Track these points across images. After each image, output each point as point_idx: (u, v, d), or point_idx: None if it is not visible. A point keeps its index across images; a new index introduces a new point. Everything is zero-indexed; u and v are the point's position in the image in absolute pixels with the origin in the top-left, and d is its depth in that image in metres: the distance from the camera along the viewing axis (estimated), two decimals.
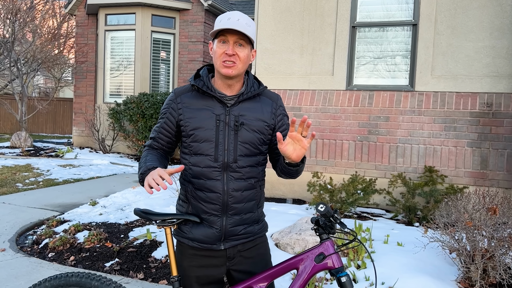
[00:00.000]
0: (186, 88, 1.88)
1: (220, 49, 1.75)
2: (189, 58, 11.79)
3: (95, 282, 1.86)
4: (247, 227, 1.87)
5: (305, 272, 1.72)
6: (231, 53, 1.73)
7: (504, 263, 3.14)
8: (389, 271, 3.42)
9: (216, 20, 1.78)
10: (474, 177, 5.34)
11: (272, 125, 1.88)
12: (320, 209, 1.67)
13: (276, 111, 1.91)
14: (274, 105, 1.91)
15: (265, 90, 1.93)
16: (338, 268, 1.72)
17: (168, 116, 1.87)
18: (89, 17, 12.52)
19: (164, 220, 1.82)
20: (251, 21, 1.77)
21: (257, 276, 1.76)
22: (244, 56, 1.76)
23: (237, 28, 1.69)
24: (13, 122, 18.48)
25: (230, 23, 1.71)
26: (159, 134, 1.90)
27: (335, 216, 1.68)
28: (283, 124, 1.92)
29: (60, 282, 1.87)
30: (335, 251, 1.73)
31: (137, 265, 3.93)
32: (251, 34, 1.75)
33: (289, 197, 6.26)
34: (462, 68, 5.50)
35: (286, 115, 1.95)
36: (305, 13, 6.25)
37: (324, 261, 1.72)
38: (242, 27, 1.71)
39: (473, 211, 3.25)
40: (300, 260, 1.75)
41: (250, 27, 1.75)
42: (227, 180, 1.80)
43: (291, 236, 4.00)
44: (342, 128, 5.97)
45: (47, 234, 4.67)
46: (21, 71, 12.13)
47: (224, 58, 1.74)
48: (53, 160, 9.95)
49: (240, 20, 1.72)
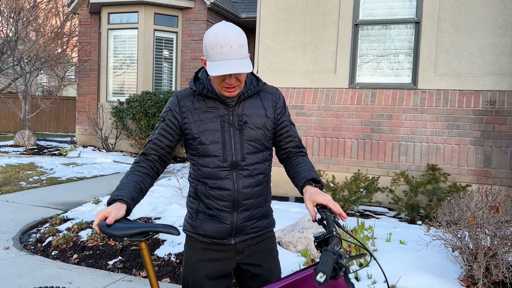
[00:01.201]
0: (188, 92, 1.88)
1: (219, 79, 1.71)
2: (192, 56, 11.80)
3: None
4: (256, 222, 1.91)
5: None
6: (233, 83, 1.71)
7: (506, 261, 3.13)
8: (391, 269, 3.42)
9: (207, 44, 1.67)
10: (477, 175, 5.33)
11: (274, 118, 1.91)
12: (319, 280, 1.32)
13: (276, 104, 1.93)
14: (274, 98, 1.93)
15: (264, 86, 1.94)
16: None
17: (170, 118, 1.85)
18: (92, 16, 12.54)
19: (133, 236, 1.55)
20: (242, 37, 1.67)
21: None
22: (244, 77, 1.75)
23: (235, 72, 1.61)
24: (17, 121, 18.55)
25: (225, 55, 1.63)
26: (160, 137, 1.86)
27: (340, 263, 1.43)
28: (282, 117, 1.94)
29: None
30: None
31: (140, 263, 3.94)
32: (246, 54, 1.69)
33: (291, 196, 6.26)
34: (465, 66, 5.48)
35: (286, 108, 1.98)
36: (308, 11, 6.24)
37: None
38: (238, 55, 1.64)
39: (476, 209, 3.24)
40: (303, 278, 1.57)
41: (243, 47, 1.66)
42: (236, 178, 1.84)
43: (293, 234, 4.00)
44: (344, 127, 5.96)
45: (51, 232, 4.70)
46: (24, 70, 12.17)
47: (224, 85, 1.73)
48: (56, 159, 9.98)
49: (233, 46, 1.64)
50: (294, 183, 1.88)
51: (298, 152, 1.99)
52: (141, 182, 1.80)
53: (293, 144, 1.98)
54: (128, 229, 1.52)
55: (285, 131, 1.95)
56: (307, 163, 1.90)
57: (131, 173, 1.82)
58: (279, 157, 2.03)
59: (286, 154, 2.00)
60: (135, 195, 1.72)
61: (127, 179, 1.77)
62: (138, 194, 1.75)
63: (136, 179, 1.79)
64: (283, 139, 1.97)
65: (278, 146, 2.00)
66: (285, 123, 1.95)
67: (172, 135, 1.87)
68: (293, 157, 1.98)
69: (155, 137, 1.86)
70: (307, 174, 1.80)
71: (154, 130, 1.89)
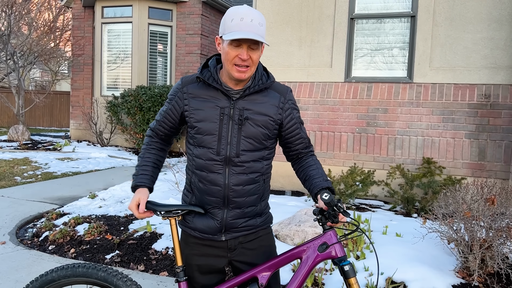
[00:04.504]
0: (194, 78, 1.86)
1: (233, 52, 1.69)
2: (187, 50, 11.75)
3: (102, 273, 1.85)
4: (248, 220, 1.86)
5: (308, 261, 1.74)
6: (245, 57, 1.68)
7: (502, 253, 3.17)
8: (388, 261, 3.45)
9: (227, 17, 1.70)
10: (472, 168, 5.37)
11: (278, 120, 1.84)
12: (324, 198, 1.68)
13: (284, 105, 1.85)
14: (282, 99, 1.85)
15: (275, 84, 1.87)
16: (341, 257, 1.74)
17: (174, 104, 1.88)
18: (86, 10, 12.44)
19: (169, 212, 1.84)
20: (262, 18, 1.70)
21: (261, 265, 1.77)
22: (257, 57, 1.72)
23: (254, 38, 1.63)
24: (10, 116, 18.41)
25: (244, 26, 1.65)
26: (164, 119, 1.93)
27: (338, 205, 1.68)
28: (292, 119, 1.88)
29: (67, 272, 1.86)
30: (338, 241, 1.75)
31: (138, 257, 3.95)
32: (264, 35, 1.70)
33: (288, 189, 6.29)
34: (460, 59, 5.50)
35: (296, 108, 1.90)
36: (303, 5, 6.23)
37: (327, 251, 1.74)
38: (257, 30, 1.66)
39: (472, 202, 3.27)
40: (303, 250, 1.76)
41: (262, 26, 1.69)
42: (228, 174, 1.79)
43: (290, 228, 4.02)
44: (340, 120, 5.98)
45: (47, 227, 4.68)
46: (17, 64, 12.07)
47: (237, 61, 1.69)
48: (51, 154, 9.93)
49: (253, 20, 1.66)
50: (306, 185, 1.88)
51: (307, 153, 1.97)
52: (157, 160, 1.97)
53: (303, 146, 1.95)
54: (166, 206, 1.84)
55: (296, 133, 1.91)
56: (318, 166, 1.91)
57: (147, 151, 1.97)
58: (287, 156, 2.00)
59: (296, 155, 1.97)
60: (155, 175, 1.94)
61: (144, 159, 1.94)
62: (157, 172, 1.95)
63: (153, 158, 1.95)
64: (293, 141, 1.92)
65: (288, 147, 1.95)
66: (296, 125, 1.90)
67: (173, 118, 1.90)
68: (303, 157, 1.96)
69: (160, 118, 1.94)
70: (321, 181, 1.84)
71: (162, 108, 1.95)
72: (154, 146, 1.98)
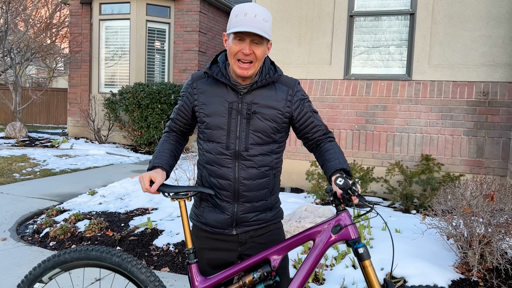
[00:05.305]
0: (202, 74, 1.88)
1: (236, 47, 1.70)
2: (185, 47, 11.73)
3: (116, 258, 1.83)
4: (259, 214, 1.87)
5: (322, 243, 1.72)
6: (247, 52, 1.69)
7: (501, 249, 3.20)
8: (388, 257, 3.48)
9: (232, 14, 1.72)
10: (470, 165, 5.41)
11: (287, 113, 1.84)
12: (338, 183, 1.64)
13: (293, 98, 1.85)
14: (290, 91, 1.86)
15: (282, 77, 1.88)
16: (355, 239, 1.71)
17: (185, 100, 1.91)
18: (83, 6, 12.39)
19: (178, 193, 1.82)
20: (268, 15, 1.71)
21: (273, 247, 1.77)
22: (260, 53, 1.72)
23: (254, 31, 1.64)
24: (7, 113, 18.34)
25: (247, 20, 1.66)
26: (177, 116, 1.96)
27: (353, 188, 1.65)
28: (302, 110, 1.87)
29: (80, 255, 1.85)
30: (352, 222, 1.73)
31: (139, 253, 3.96)
32: (268, 31, 1.70)
33: (287, 186, 6.31)
34: (458, 57, 5.53)
35: (305, 99, 1.89)
36: (303, 2, 6.24)
37: (341, 232, 1.72)
38: (259, 25, 1.66)
39: (471, 198, 3.30)
40: (317, 231, 1.74)
41: (267, 22, 1.69)
42: (238, 169, 1.81)
43: (291, 224, 4.04)
44: (339, 117, 6.00)
45: (48, 223, 4.69)
46: (14, 60, 12.02)
47: (240, 56, 1.71)
48: (49, 151, 9.92)
49: (257, 16, 1.67)
50: (323, 170, 1.85)
51: (326, 139, 1.94)
52: (174, 149, 1.96)
53: (320, 133, 1.93)
54: (176, 188, 1.82)
55: (309, 123, 1.90)
56: (336, 150, 1.86)
57: (164, 142, 1.96)
58: (308, 147, 1.99)
59: (315, 143, 1.95)
60: (172, 162, 1.90)
61: (162, 147, 1.92)
62: (173, 161, 1.92)
63: (170, 147, 1.94)
64: (309, 131, 1.92)
65: (306, 138, 1.94)
66: (307, 114, 1.89)
67: (186, 115, 1.93)
68: (321, 144, 1.94)
69: (174, 116, 1.97)
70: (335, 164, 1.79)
71: (175, 106, 1.99)
72: (171, 138, 2.00)
